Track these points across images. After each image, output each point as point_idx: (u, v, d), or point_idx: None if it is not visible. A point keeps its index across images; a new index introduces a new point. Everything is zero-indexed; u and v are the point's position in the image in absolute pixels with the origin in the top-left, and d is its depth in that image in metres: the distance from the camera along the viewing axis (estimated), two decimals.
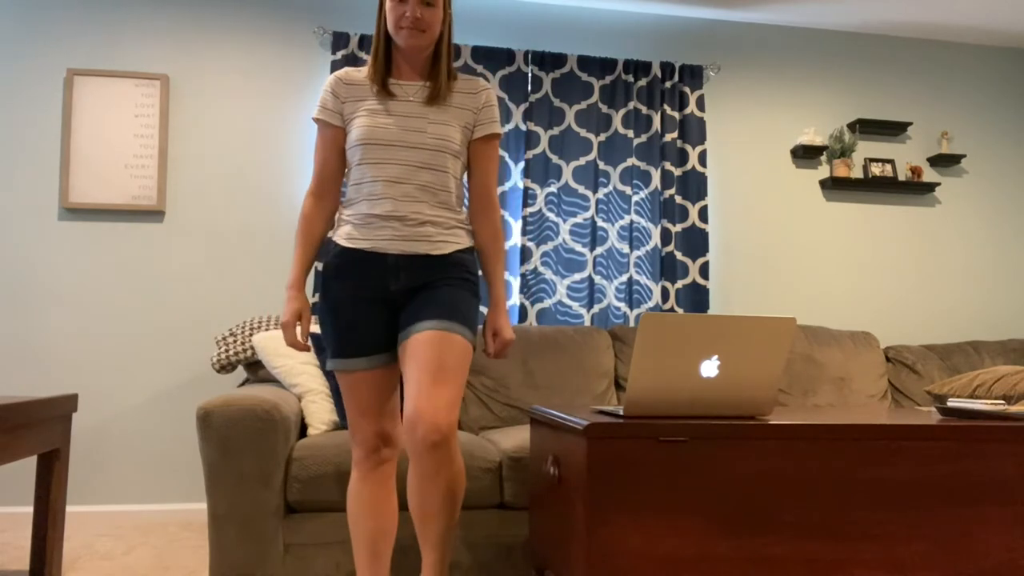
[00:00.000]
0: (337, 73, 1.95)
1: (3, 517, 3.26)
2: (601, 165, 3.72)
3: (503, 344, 1.95)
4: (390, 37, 1.91)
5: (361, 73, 1.95)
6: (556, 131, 3.69)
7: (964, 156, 4.10)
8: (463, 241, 1.94)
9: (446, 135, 1.88)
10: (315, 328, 2.89)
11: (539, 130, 3.66)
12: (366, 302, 1.87)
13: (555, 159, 3.67)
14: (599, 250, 3.68)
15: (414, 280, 1.87)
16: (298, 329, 1.97)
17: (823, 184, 4.02)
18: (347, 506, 1.94)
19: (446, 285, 1.87)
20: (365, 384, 1.88)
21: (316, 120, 1.95)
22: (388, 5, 1.86)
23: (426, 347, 1.77)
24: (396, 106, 1.89)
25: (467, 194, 2.04)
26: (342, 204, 1.96)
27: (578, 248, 3.67)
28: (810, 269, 3.99)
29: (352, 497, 1.93)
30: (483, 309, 3.46)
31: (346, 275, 1.87)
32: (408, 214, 1.86)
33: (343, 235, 1.90)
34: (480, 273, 2.00)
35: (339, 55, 3.51)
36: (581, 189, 3.69)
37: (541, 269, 3.61)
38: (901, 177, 4.09)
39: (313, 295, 3.44)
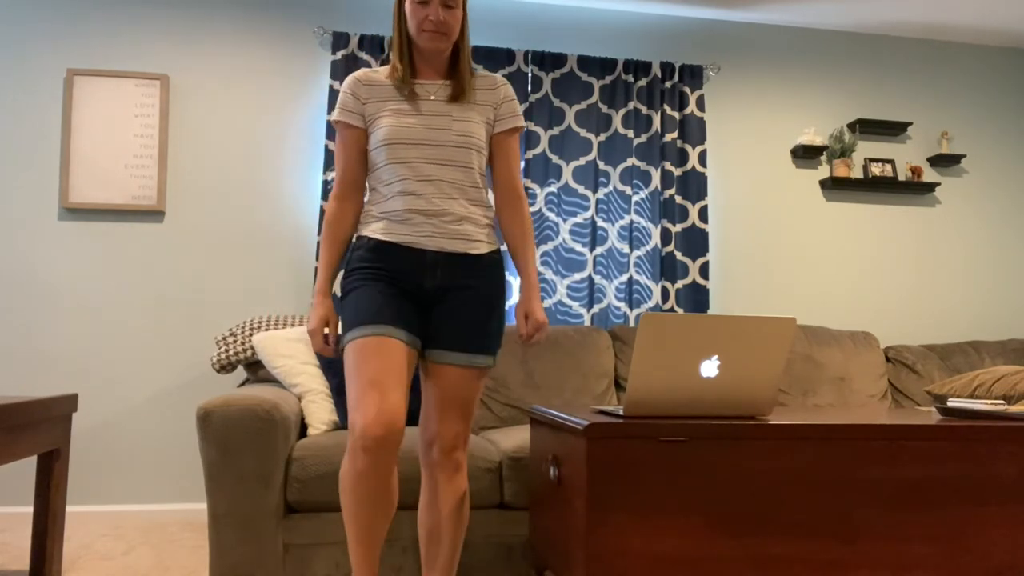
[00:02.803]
0: (355, 74, 1.95)
1: (3, 517, 3.26)
2: (601, 165, 3.72)
3: (535, 326, 1.93)
4: (410, 38, 1.92)
5: (379, 74, 1.95)
6: (556, 131, 3.69)
7: (964, 156, 4.10)
8: (494, 241, 1.97)
9: (470, 131, 1.90)
10: None
11: (539, 130, 3.66)
12: (399, 294, 1.86)
13: (555, 159, 3.67)
14: (599, 250, 3.68)
15: (449, 279, 1.88)
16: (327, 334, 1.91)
17: (823, 184, 4.03)
18: (342, 494, 1.76)
19: (479, 299, 1.89)
20: (387, 349, 1.75)
21: (337, 122, 1.93)
22: (409, 8, 1.87)
23: (454, 382, 1.88)
24: (420, 105, 1.90)
25: (491, 187, 2.05)
26: (368, 203, 1.95)
27: (578, 248, 3.67)
28: (810, 269, 3.99)
29: (350, 485, 1.74)
30: None
31: (381, 268, 1.86)
32: (446, 209, 1.87)
33: (378, 230, 1.88)
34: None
35: (339, 55, 3.51)
36: (581, 189, 3.69)
37: (541, 269, 3.61)
38: (901, 177, 4.09)
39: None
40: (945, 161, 4.09)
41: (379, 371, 1.73)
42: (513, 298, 3.62)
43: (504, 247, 3.62)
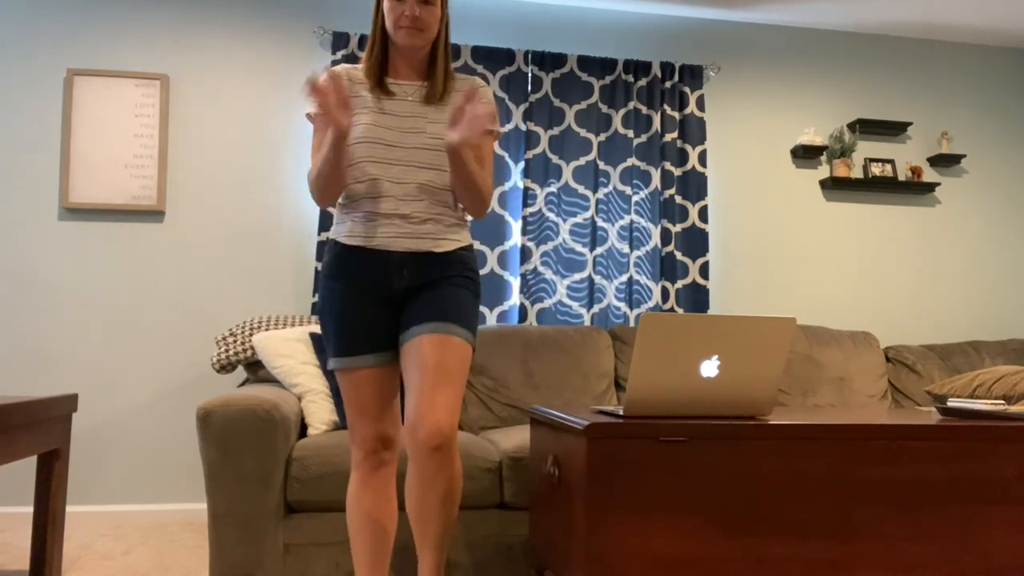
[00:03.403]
0: (335, 69, 1.91)
1: (3, 517, 3.26)
2: (601, 165, 3.72)
3: (477, 110, 1.71)
4: (387, 36, 1.91)
5: (359, 71, 1.94)
6: (556, 131, 3.68)
7: (964, 156, 4.10)
8: (464, 238, 1.94)
9: (444, 134, 1.88)
10: (316, 328, 2.89)
11: (539, 130, 3.66)
12: (368, 301, 1.86)
13: (555, 159, 3.67)
14: (599, 250, 3.68)
15: (417, 278, 1.86)
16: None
17: (823, 184, 4.02)
18: (347, 510, 1.91)
19: (448, 284, 1.87)
20: (367, 383, 1.85)
21: (315, 116, 1.90)
22: (386, 5, 1.86)
23: (427, 350, 1.78)
24: (395, 106, 1.89)
25: None
26: (339, 203, 1.94)
27: (578, 248, 3.67)
28: (810, 269, 3.99)
29: (352, 502, 1.89)
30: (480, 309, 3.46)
31: (348, 273, 1.86)
32: (411, 212, 1.86)
33: (344, 233, 1.88)
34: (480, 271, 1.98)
35: (339, 55, 3.51)
36: (581, 189, 3.69)
37: (541, 269, 3.61)
38: (901, 177, 4.09)
39: (313, 295, 3.44)
40: (945, 161, 4.09)
41: (365, 400, 1.86)
42: (513, 299, 3.62)
43: (500, 247, 3.61)
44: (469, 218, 2.57)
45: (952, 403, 2.46)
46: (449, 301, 1.84)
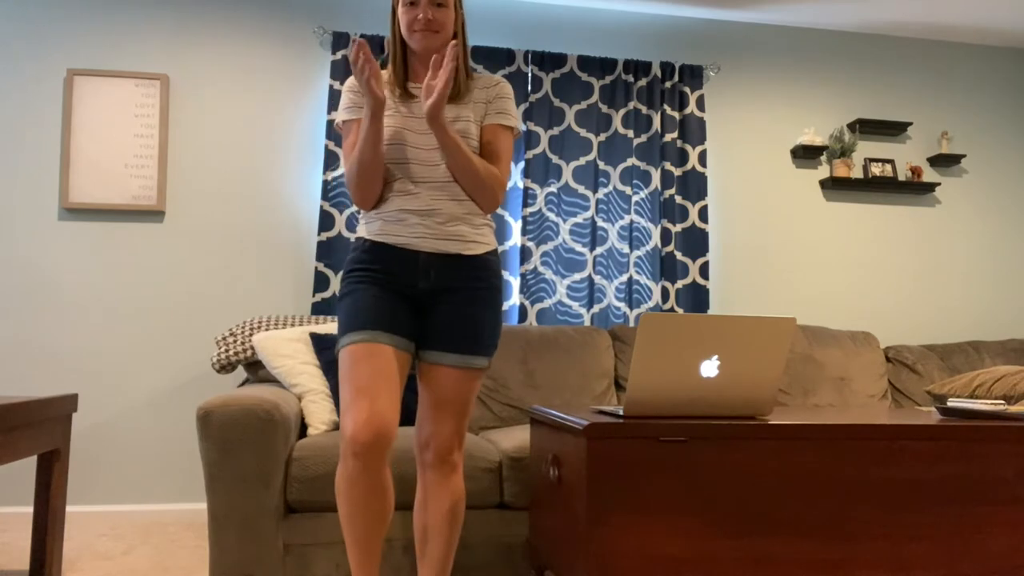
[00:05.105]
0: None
1: (3, 517, 3.26)
2: (601, 165, 3.72)
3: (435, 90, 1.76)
4: (405, 42, 1.93)
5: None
6: (556, 131, 3.69)
7: (964, 156, 4.10)
8: (491, 241, 1.95)
9: (466, 131, 1.90)
10: (316, 328, 2.89)
11: (539, 130, 3.66)
12: (392, 295, 1.85)
13: (555, 159, 3.67)
14: (599, 250, 3.68)
15: (443, 281, 1.87)
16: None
17: (823, 184, 4.02)
18: (338, 498, 1.79)
19: (475, 301, 1.87)
20: (377, 355, 1.76)
21: (345, 123, 1.91)
22: (400, 10, 1.88)
23: (448, 384, 1.87)
24: (416, 107, 1.91)
25: None
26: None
27: (578, 248, 3.67)
28: (810, 269, 3.99)
29: (344, 489, 1.76)
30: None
31: (374, 269, 1.86)
32: (439, 209, 1.87)
33: (373, 231, 1.88)
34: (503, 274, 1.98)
35: (339, 55, 3.51)
36: (581, 189, 3.69)
37: (541, 269, 3.61)
38: (901, 177, 4.09)
39: (313, 295, 3.44)
40: (945, 161, 4.09)
41: (368, 377, 1.74)
42: (513, 299, 3.62)
43: (500, 247, 3.62)
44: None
45: (952, 403, 2.46)
46: (476, 326, 1.87)
